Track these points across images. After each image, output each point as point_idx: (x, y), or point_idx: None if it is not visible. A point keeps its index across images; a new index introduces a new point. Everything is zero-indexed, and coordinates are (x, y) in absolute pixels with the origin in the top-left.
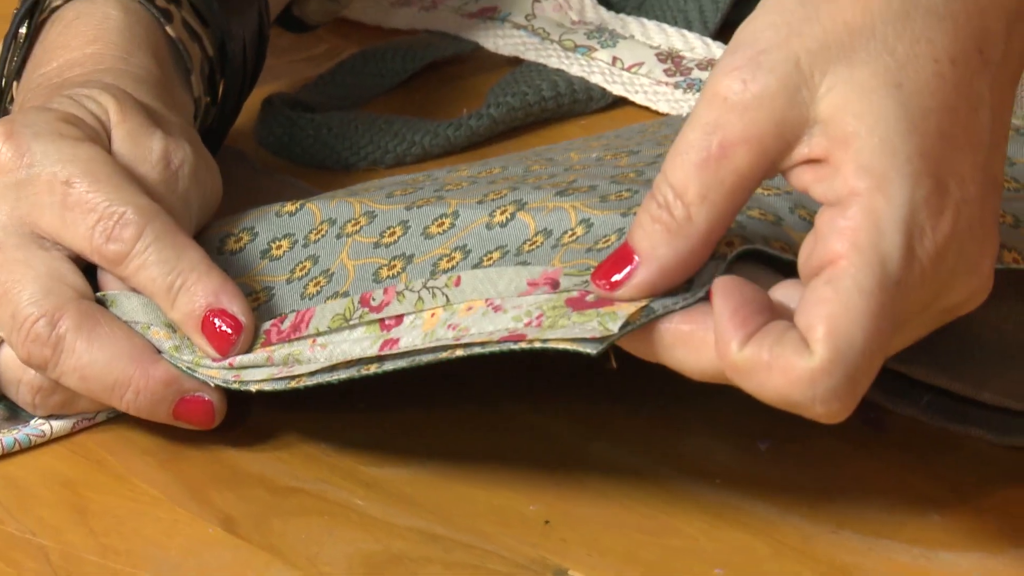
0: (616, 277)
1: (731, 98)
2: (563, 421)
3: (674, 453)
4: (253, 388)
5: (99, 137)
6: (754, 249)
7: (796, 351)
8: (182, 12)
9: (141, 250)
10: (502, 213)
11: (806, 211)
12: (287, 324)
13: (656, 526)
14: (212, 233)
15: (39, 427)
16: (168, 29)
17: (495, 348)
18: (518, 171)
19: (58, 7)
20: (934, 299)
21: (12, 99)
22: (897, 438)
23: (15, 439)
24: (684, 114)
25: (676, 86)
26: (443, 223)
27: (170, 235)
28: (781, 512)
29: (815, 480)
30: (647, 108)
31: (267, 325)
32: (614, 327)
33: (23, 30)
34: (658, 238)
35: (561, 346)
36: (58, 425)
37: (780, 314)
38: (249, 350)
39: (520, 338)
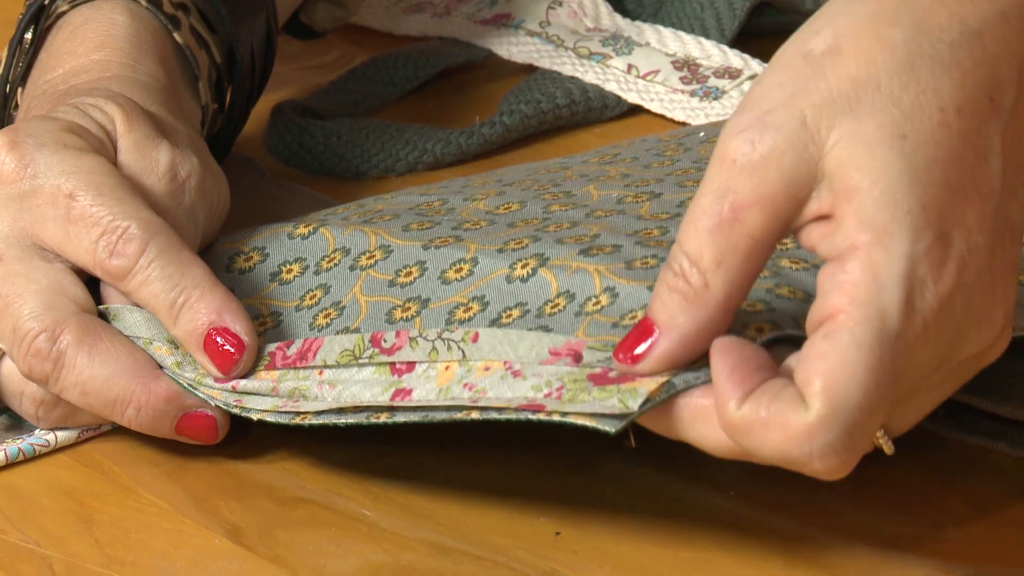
0: (638, 350)
1: (739, 160)
2: (575, 432)
3: (687, 464)
4: (254, 417)
5: (104, 148)
6: (784, 336)
7: (793, 407)
8: (190, 19)
9: (144, 265)
10: (523, 267)
11: None
12: (293, 350)
13: (669, 538)
14: (221, 250)
15: (43, 437)
16: (176, 36)
17: (512, 415)
18: (537, 211)
19: (64, 12)
20: (949, 353)
21: (17, 106)
22: (914, 450)
23: (19, 448)
24: (700, 125)
25: (692, 94)
26: (461, 268)
27: (174, 251)
28: (795, 524)
29: (830, 493)
30: (663, 116)
31: (272, 347)
32: (634, 405)
33: (28, 35)
34: (676, 307)
35: (580, 421)
36: (63, 435)
37: (784, 373)
38: (252, 371)
39: (539, 408)
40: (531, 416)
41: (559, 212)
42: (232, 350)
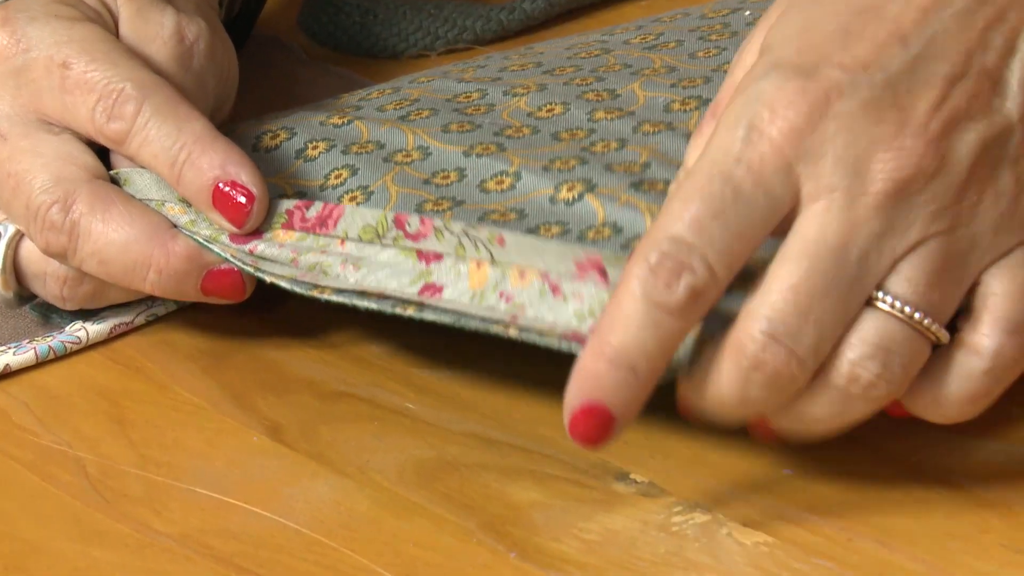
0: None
1: None
2: None
3: None
4: (267, 279)
5: (100, 17)
6: None
7: None
8: None
9: (141, 125)
10: (569, 190)
11: None
12: (312, 213)
13: (722, 427)
14: (249, 130)
15: (75, 333)
16: None
17: (554, 342)
18: (582, 119)
19: None
20: (852, 181)
21: None
22: None
23: (49, 347)
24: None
25: None
26: (503, 181)
27: (170, 106)
28: None
29: None
30: None
31: (291, 205)
32: (682, 353)
33: None
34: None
35: None
36: (94, 330)
37: None
38: (269, 227)
39: (583, 341)
40: (575, 347)
41: (605, 122)
42: (243, 200)
